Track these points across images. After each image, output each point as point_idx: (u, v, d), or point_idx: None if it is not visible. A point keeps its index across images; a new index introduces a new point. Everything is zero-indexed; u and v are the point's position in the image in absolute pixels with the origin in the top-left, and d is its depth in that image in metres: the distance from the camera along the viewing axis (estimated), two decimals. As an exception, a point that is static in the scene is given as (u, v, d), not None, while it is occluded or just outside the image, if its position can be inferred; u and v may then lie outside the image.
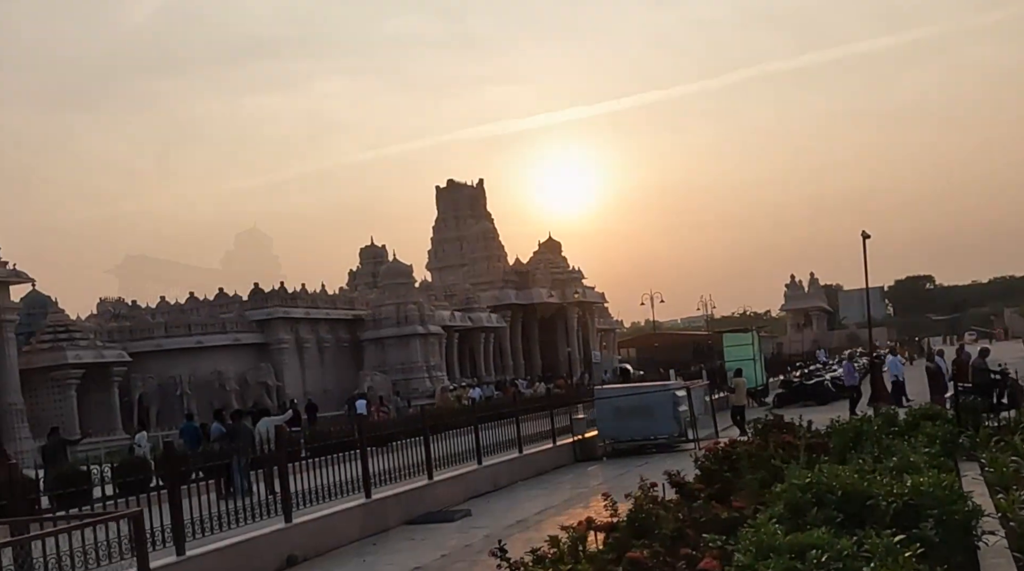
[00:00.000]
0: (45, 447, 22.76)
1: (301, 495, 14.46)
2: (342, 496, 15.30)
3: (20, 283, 41.80)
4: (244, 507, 13.38)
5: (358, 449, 15.89)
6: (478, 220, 69.79)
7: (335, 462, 15.48)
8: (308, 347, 49.81)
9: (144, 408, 44.87)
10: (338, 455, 15.65)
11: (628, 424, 24.95)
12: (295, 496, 14.16)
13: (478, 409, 21.01)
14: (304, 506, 14.42)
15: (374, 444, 16.54)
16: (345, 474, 15.50)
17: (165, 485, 12.05)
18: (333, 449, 15.66)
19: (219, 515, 12.84)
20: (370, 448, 16.10)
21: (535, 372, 66.62)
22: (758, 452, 15.64)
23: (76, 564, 10.15)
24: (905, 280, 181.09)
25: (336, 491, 15.18)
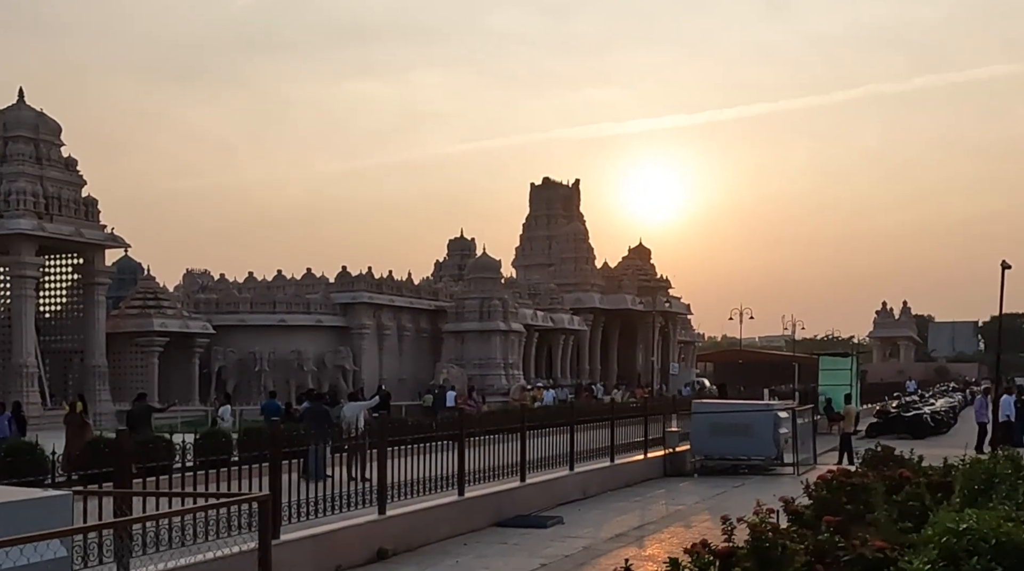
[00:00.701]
0: (131, 412, 22.53)
1: (395, 487, 13.76)
2: (436, 491, 14.60)
3: (115, 247, 42.14)
4: (340, 495, 12.70)
5: (455, 442, 15.17)
6: (570, 220, 68.97)
7: (429, 453, 14.75)
8: (388, 334, 49.47)
9: (222, 381, 44.94)
10: (433, 446, 14.94)
11: (724, 441, 23.92)
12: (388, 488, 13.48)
13: (574, 410, 20.13)
14: (397, 499, 13.74)
15: (470, 438, 15.80)
16: (439, 468, 14.77)
17: (269, 463, 11.39)
18: (429, 439, 14.91)
19: (314, 501, 12.19)
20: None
21: (611, 378, 65.70)
22: (874, 485, 14.66)
23: (186, 538, 9.78)
24: (1003, 316, 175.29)
25: (431, 486, 14.47)
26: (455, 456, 15.16)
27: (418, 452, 14.80)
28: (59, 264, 42.50)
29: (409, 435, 14.78)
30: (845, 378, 40.93)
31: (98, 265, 41.41)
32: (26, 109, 40.61)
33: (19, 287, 39.09)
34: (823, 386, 40.25)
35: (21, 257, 38.81)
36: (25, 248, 38.86)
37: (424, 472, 14.50)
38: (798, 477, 23.15)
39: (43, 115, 41.02)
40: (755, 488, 21.02)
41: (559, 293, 62.00)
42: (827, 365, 42.12)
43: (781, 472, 23.78)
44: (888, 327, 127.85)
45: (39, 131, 40.56)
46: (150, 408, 22.97)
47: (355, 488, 13.32)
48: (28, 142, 40.23)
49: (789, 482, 22.37)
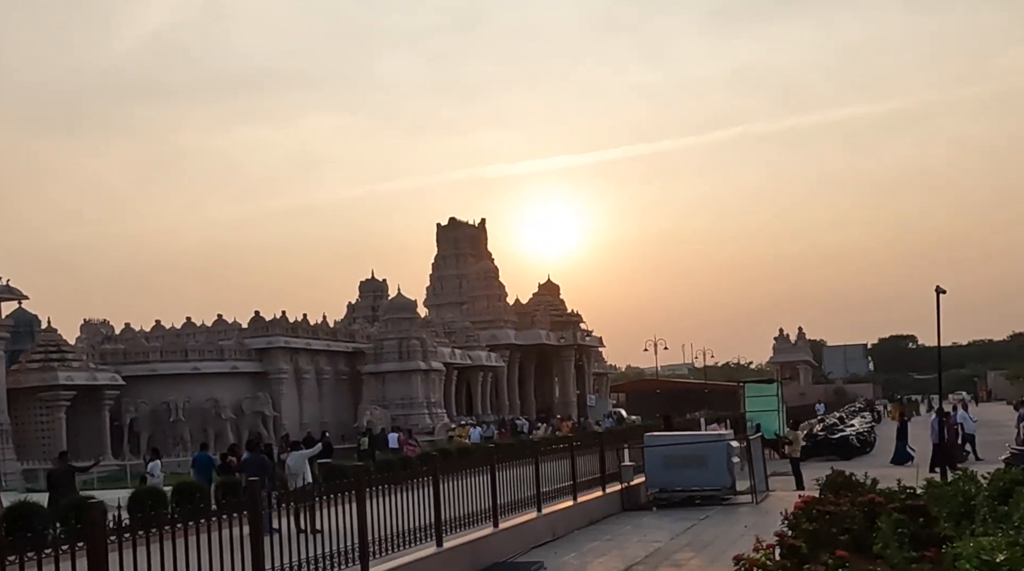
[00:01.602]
0: (52, 472, 20.89)
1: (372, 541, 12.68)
2: (414, 543, 13.59)
3: (11, 300, 39.92)
4: (323, 555, 11.61)
5: (427, 486, 14.21)
6: (479, 259, 68.57)
7: (400, 499, 13.70)
8: (307, 378, 48.02)
9: (135, 434, 42.86)
10: (405, 492, 13.91)
11: (678, 473, 23.38)
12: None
13: (538, 446, 19.32)
14: (378, 554, 12.70)
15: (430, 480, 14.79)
16: (410, 516, 13.72)
17: (249, 519, 10.29)
18: (403, 484, 13.90)
19: (298, 562, 11.12)
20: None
21: (530, 412, 65.20)
22: (851, 512, 14.30)
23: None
24: (889, 339, 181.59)
25: (409, 538, 13.45)
26: (427, 501, 14.16)
27: (387, 499, 13.72)
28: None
29: (383, 481, 13.72)
30: (772, 404, 41.05)
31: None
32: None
33: (-91, 344, 36.68)
34: (751, 412, 40.23)
35: (-89, 313, 36.46)
36: (-86, 303, 36.54)
37: (399, 522, 13.49)
38: (758, 505, 22.80)
39: (-69, 162, 38.77)
40: (722, 519, 20.48)
41: (474, 331, 61.42)
42: (753, 392, 42.18)
43: (738, 501, 23.32)
44: (786, 352, 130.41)
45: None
46: (73, 468, 21.30)
47: (338, 547, 12.18)
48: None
49: (751, 511, 21.94)
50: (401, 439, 34.15)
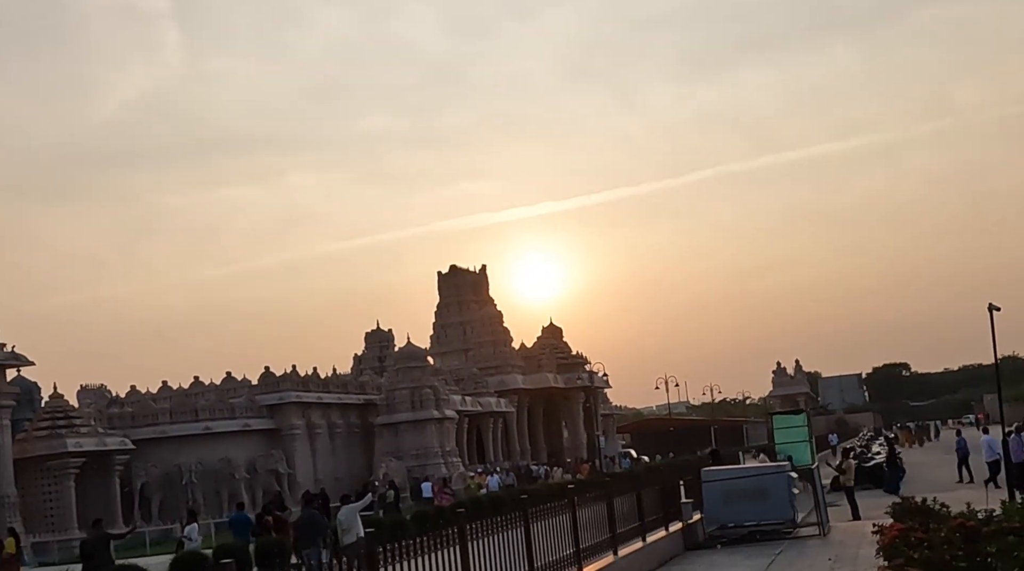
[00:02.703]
0: (86, 541, 19.71)
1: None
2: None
3: (16, 366, 38.70)
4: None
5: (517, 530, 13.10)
6: (481, 305, 67.81)
7: (489, 546, 12.54)
8: (320, 433, 46.81)
9: (146, 499, 41.46)
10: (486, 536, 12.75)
11: (738, 508, 22.31)
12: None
13: (613, 483, 18.28)
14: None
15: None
16: (506, 563, 12.58)
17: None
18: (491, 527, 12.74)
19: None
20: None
21: (540, 456, 64.18)
22: (950, 537, 13.47)
23: None
24: (882, 367, 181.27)
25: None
26: (519, 546, 13.01)
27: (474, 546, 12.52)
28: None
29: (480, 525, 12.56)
30: (802, 435, 40.04)
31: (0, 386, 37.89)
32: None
33: (-89, 417, 35.36)
34: (780, 444, 39.21)
35: (-88, 383, 35.19)
36: (-85, 373, 35.28)
37: (495, 569, 12.38)
38: (825, 537, 21.79)
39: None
40: (798, 554, 19.47)
41: (482, 377, 60.43)
42: (781, 423, 40.94)
43: (803, 534, 22.31)
44: (786, 385, 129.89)
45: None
46: (108, 535, 20.14)
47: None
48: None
49: (822, 544, 20.93)
50: (435, 488, 33.01)
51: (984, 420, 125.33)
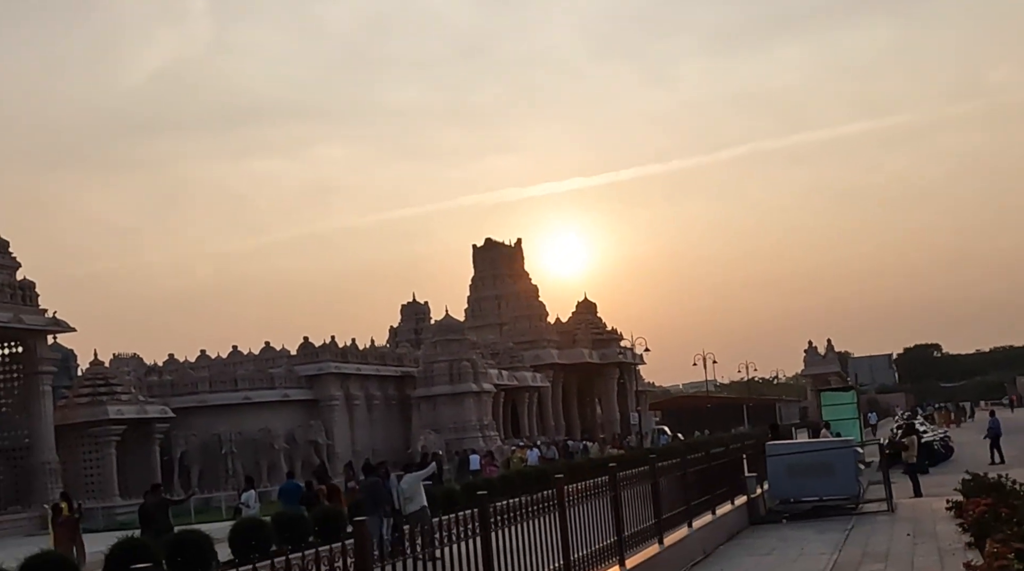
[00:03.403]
0: (145, 506, 19.37)
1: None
2: (600, 565, 11.98)
3: (58, 332, 38.50)
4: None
5: (603, 501, 12.56)
6: (516, 279, 67.22)
7: (577, 517, 11.97)
8: (358, 404, 46.50)
9: (185, 468, 41.26)
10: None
11: (803, 482, 21.85)
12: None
13: (687, 455, 17.71)
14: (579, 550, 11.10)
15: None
16: (593, 535, 12.01)
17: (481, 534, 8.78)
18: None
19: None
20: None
21: (574, 432, 63.77)
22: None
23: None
24: (913, 348, 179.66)
25: (594, 559, 11.81)
26: (606, 518, 12.51)
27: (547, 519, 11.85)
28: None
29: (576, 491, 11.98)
30: (850, 412, 39.53)
31: (41, 352, 37.69)
32: (-51, 190, 37.02)
33: (-46, 382, 35.22)
34: (829, 421, 38.68)
35: (-45, 348, 35.01)
36: (-41, 339, 35.10)
37: (585, 540, 11.81)
38: (894, 513, 21.18)
39: (-31, 195, 37.45)
40: (873, 529, 18.88)
41: (517, 351, 59.95)
42: (829, 400, 40.62)
43: (869, 510, 21.73)
44: (817, 365, 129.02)
45: (-35, 212, 36.96)
46: (167, 501, 19.81)
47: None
48: (-47, 225, 36.61)
49: (891, 519, 20.32)
50: (483, 461, 32.64)
51: (1015, 402, 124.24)
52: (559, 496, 10.85)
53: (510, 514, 9.51)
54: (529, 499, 9.99)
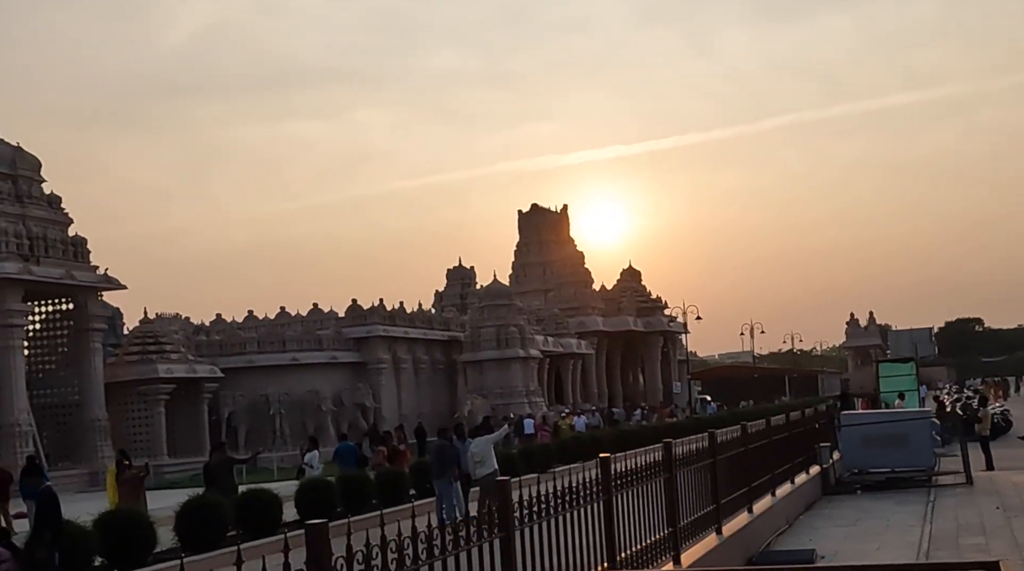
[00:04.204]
0: (209, 465, 19.08)
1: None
2: (700, 533, 11.45)
3: (109, 290, 38.35)
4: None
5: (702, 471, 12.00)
6: (561, 245, 66.63)
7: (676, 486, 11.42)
8: (405, 368, 46.19)
9: (232, 428, 41.15)
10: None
11: (878, 453, 21.27)
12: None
13: (770, 424, 17.12)
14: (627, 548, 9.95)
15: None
16: (691, 503, 11.39)
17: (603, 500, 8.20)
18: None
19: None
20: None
21: (617, 400, 63.34)
22: None
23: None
24: (955, 322, 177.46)
25: (695, 527, 11.27)
26: (703, 487, 11.97)
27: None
28: (45, 311, 38.50)
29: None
30: (909, 383, 38.79)
31: (92, 310, 37.59)
32: (0, 143, 36.77)
33: (5, 338, 35.03)
34: (887, 392, 37.95)
35: (6, 304, 34.80)
36: (10, 294, 34.87)
37: (687, 507, 11.21)
38: (972, 486, 20.51)
39: (20, 150, 37.23)
40: (956, 501, 18.25)
41: (562, 317, 59.40)
42: (887, 371, 39.88)
43: (946, 482, 21.09)
44: (859, 337, 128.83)
45: (16, 166, 36.70)
46: (232, 459, 19.52)
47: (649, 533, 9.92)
48: (5, 179, 36.36)
49: (969, 491, 19.66)
50: (537, 425, 32.29)
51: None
52: (667, 460, 10.36)
53: (628, 478, 9.01)
54: (638, 464, 9.44)
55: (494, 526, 6.24)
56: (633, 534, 9.03)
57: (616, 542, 8.53)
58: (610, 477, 8.45)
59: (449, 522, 17.83)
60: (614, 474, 8.56)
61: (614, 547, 8.50)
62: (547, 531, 7.09)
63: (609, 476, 8.43)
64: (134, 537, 14.04)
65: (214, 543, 15.38)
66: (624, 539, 8.77)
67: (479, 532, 6.03)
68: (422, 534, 5.26)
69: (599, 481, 8.26)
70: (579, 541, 7.69)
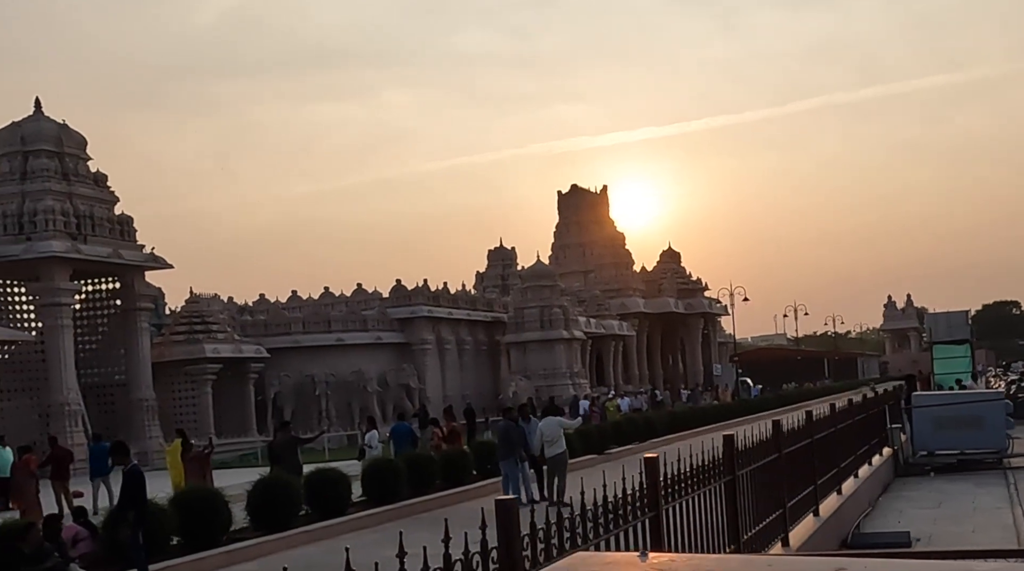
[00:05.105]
0: (273, 444, 18.90)
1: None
2: (800, 515, 11.10)
3: (157, 268, 38.26)
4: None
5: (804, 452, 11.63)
6: (601, 226, 66.15)
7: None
8: (449, 349, 45.97)
9: (278, 408, 41.06)
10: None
11: (950, 435, 20.85)
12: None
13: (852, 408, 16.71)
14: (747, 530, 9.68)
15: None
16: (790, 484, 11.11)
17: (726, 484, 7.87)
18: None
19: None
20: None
21: (657, 382, 62.98)
22: None
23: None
24: (992, 305, 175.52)
25: (795, 509, 10.91)
26: (803, 468, 11.61)
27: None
28: (93, 289, 38.50)
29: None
30: (964, 365, 38.25)
31: (139, 288, 37.52)
32: (46, 120, 36.54)
33: (54, 316, 35.01)
34: (940, 374, 37.41)
35: (55, 283, 34.78)
36: (58, 273, 34.83)
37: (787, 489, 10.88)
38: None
39: (66, 127, 37.06)
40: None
41: (604, 299, 59.02)
42: (941, 353, 39.29)
43: (1019, 464, 20.61)
44: (896, 320, 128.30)
45: (63, 144, 36.53)
46: (297, 438, 19.32)
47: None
48: (52, 156, 36.23)
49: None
50: (589, 405, 32.01)
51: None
52: (776, 439, 10.01)
53: (747, 456, 8.67)
54: (749, 443, 9.07)
55: (645, 505, 5.97)
56: (750, 516, 8.72)
57: (739, 523, 8.22)
58: (733, 455, 8.12)
59: (520, 500, 17.67)
60: (736, 452, 8.23)
61: (736, 528, 8.18)
62: (686, 510, 6.87)
63: (732, 454, 8.10)
64: (210, 516, 13.84)
65: (287, 522, 15.18)
66: (744, 520, 8.46)
67: (635, 510, 5.74)
68: (589, 512, 5.13)
69: (721, 460, 7.94)
70: (707, 521, 7.47)
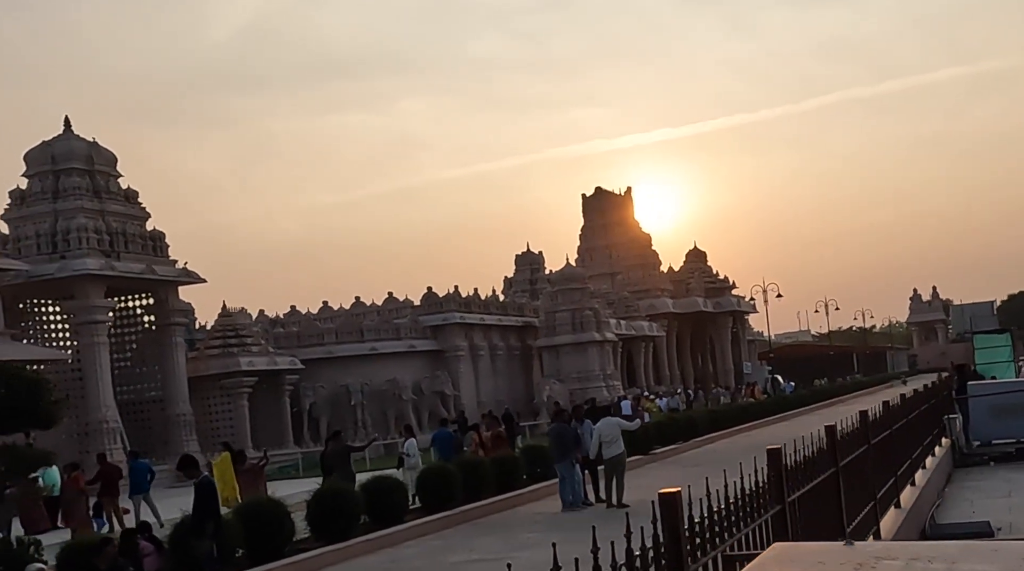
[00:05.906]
0: (326, 453, 18.78)
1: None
2: (884, 507, 10.86)
3: (190, 283, 38.30)
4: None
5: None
6: (626, 228, 66.00)
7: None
8: (482, 354, 45.84)
9: (314, 419, 41.03)
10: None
11: (1009, 424, 20.48)
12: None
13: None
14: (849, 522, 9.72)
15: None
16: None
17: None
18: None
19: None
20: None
21: (688, 382, 62.74)
22: None
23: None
24: (1018, 295, 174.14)
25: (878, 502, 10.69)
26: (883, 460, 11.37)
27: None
28: (126, 306, 38.60)
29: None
30: (1005, 355, 37.79)
31: (172, 304, 37.59)
32: (76, 139, 36.76)
33: (89, 334, 35.11)
34: (981, 365, 36.93)
35: (89, 300, 34.89)
36: (93, 290, 34.95)
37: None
38: None
39: (96, 145, 37.22)
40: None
41: (633, 300, 58.83)
42: (982, 343, 38.84)
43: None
44: (923, 312, 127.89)
45: (93, 162, 36.72)
46: (349, 448, 19.22)
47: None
48: (83, 174, 36.40)
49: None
50: (633, 405, 31.90)
51: None
52: (864, 430, 9.80)
53: (846, 448, 8.49)
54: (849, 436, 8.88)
55: (771, 499, 5.80)
56: (851, 507, 8.53)
57: (843, 514, 8.04)
58: (835, 446, 7.92)
59: (578, 503, 17.49)
60: (838, 442, 8.03)
61: (842, 520, 7.99)
62: (803, 503, 6.70)
63: (835, 445, 7.90)
64: (274, 527, 13.71)
65: (347, 532, 15.05)
66: (849, 512, 8.28)
67: (764, 504, 5.57)
68: (731, 504, 4.99)
69: (824, 453, 7.76)
70: (819, 514, 7.31)
